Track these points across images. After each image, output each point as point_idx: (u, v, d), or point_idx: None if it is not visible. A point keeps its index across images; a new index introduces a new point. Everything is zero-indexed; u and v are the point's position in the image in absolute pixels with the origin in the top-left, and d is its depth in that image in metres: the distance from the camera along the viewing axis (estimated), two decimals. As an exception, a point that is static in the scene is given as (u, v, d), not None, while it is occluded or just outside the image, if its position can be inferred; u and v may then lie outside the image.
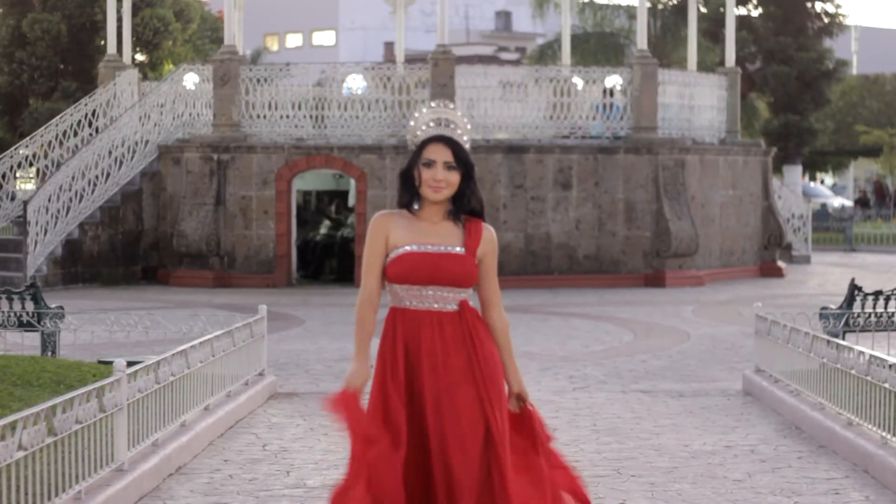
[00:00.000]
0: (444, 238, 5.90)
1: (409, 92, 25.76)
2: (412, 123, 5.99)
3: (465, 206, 5.94)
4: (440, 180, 5.85)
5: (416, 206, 5.92)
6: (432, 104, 6.01)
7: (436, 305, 5.88)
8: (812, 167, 57.34)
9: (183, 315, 19.35)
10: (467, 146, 5.94)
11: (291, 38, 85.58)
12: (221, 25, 35.16)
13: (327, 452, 10.03)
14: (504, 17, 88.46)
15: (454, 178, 5.88)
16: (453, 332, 5.85)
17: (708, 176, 27.00)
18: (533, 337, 17.46)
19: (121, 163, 25.36)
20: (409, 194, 5.94)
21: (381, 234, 5.92)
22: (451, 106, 6.01)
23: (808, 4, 45.47)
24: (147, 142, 25.85)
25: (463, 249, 5.88)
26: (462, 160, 5.88)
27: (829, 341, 10.80)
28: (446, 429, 5.75)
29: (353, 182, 25.79)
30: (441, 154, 5.86)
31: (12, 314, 12.68)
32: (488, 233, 5.97)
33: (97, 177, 24.90)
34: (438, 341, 5.83)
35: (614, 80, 26.53)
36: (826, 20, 45.79)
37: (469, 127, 6.01)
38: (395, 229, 5.90)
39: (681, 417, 11.64)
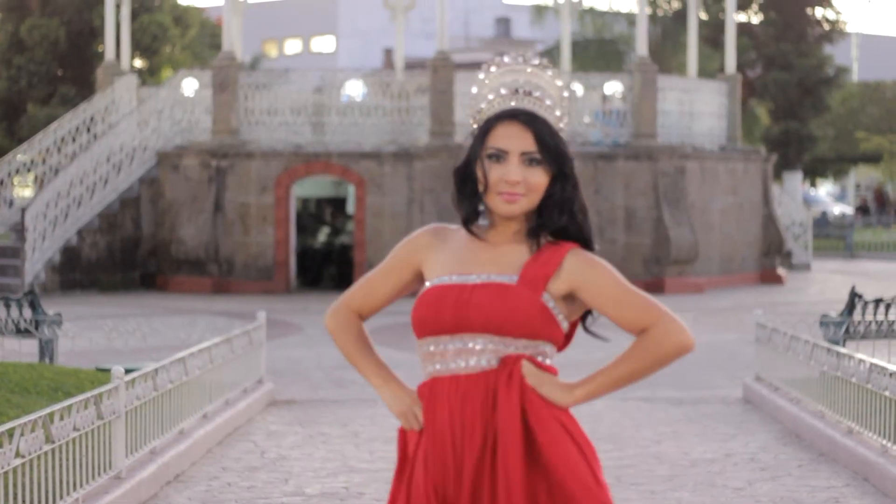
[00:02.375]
0: (496, 265, 3.77)
1: (408, 98, 25.75)
2: (474, 90, 3.86)
3: (554, 221, 3.78)
4: (515, 182, 3.71)
5: (482, 223, 3.82)
6: (506, 59, 3.86)
7: (462, 364, 3.75)
8: (812, 174, 57.35)
9: (181, 322, 19.36)
10: (562, 126, 3.82)
11: (290, 45, 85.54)
12: (220, 31, 35.15)
13: (326, 460, 9.98)
14: (503, 23, 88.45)
15: (538, 178, 3.73)
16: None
17: (708, 183, 26.97)
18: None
19: (119, 169, 25.33)
20: (470, 204, 3.80)
21: (411, 257, 3.88)
22: (536, 61, 3.85)
23: (809, 11, 45.50)
24: (145, 148, 25.82)
25: (514, 278, 3.74)
26: (551, 150, 3.74)
27: (829, 349, 10.77)
28: None
29: (351, 189, 25.77)
30: (517, 140, 3.72)
31: (10, 321, 12.63)
32: (575, 259, 3.84)
33: (95, 183, 24.87)
34: (479, 438, 3.76)
35: (614, 87, 26.52)
36: (826, 27, 45.85)
37: (566, 95, 3.89)
38: (439, 253, 3.84)
39: (681, 425, 11.60)
